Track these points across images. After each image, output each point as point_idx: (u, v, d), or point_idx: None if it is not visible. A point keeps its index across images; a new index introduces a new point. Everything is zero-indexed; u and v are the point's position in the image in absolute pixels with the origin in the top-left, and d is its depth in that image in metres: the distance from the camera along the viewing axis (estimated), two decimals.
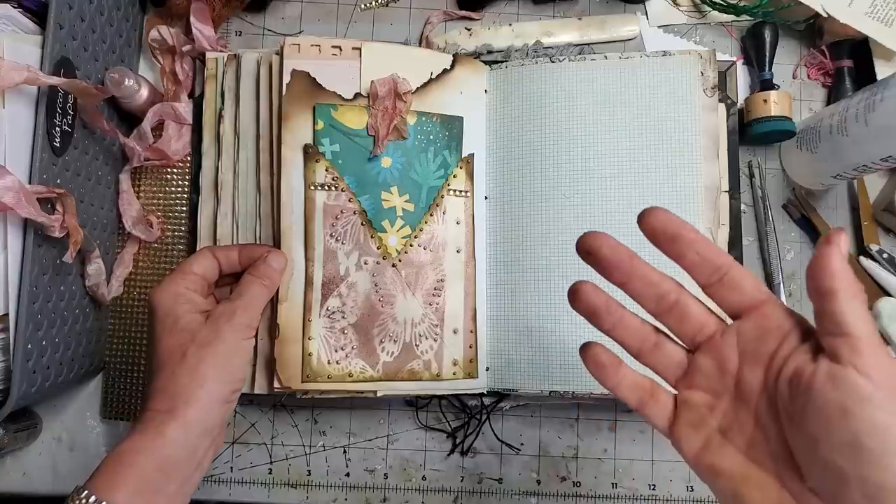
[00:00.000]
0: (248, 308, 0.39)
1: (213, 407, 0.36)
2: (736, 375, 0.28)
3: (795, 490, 0.25)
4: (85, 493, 0.31)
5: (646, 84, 0.46)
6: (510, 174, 0.47)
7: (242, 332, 0.38)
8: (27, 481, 0.49)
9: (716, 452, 0.28)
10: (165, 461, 0.33)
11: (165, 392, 0.35)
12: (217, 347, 0.36)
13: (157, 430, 0.34)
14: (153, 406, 0.35)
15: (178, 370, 0.35)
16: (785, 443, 0.26)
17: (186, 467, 0.35)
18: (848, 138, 0.45)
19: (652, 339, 0.30)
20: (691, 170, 0.46)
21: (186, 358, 0.36)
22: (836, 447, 0.23)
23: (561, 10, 0.54)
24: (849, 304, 0.24)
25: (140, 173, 0.51)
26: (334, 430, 0.50)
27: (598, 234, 0.29)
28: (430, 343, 0.45)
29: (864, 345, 0.23)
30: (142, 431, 0.34)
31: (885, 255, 0.50)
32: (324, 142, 0.44)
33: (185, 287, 0.39)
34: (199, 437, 0.35)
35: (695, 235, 0.27)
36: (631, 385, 0.31)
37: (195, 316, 0.38)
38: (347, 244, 0.45)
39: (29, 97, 0.39)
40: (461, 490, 0.50)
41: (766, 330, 0.27)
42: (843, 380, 0.23)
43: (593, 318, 0.31)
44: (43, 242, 0.40)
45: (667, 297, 0.29)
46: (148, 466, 0.33)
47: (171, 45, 0.49)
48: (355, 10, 0.54)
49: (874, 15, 0.50)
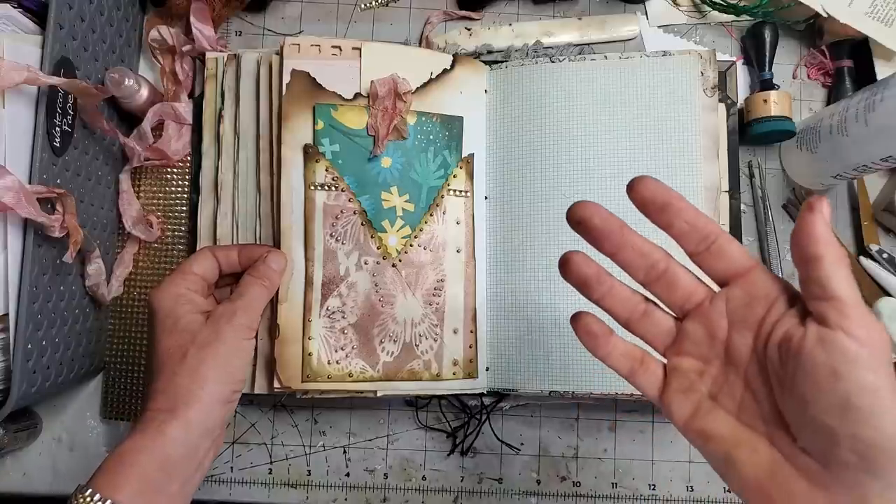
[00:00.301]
0: (248, 309, 0.39)
1: (214, 407, 0.36)
2: (725, 341, 0.28)
3: (786, 450, 0.26)
4: (89, 491, 0.31)
5: (646, 84, 0.46)
6: (510, 174, 0.47)
7: (243, 332, 0.38)
8: (27, 481, 0.49)
9: (706, 417, 0.28)
10: (167, 461, 0.34)
11: (166, 393, 0.35)
12: (217, 348, 0.36)
13: (158, 429, 0.34)
14: (154, 406, 0.35)
15: (179, 371, 0.35)
16: (775, 405, 0.26)
17: (188, 467, 0.35)
18: (848, 138, 0.45)
19: (641, 307, 0.30)
20: (691, 170, 0.46)
21: (187, 359, 0.36)
22: (827, 408, 0.24)
23: (561, 10, 0.54)
24: (834, 268, 0.24)
25: (140, 173, 0.51)
26: (334, 430, 0.50)
27: (589, 204, 0.29)
28: (430, 343, 0.45)
29: (850, 308, 0.24)
30: (143, 431, 0.34)
31: (885, 255, 0.50)
32: (324, 142, 0.44)
33: (185, 288, 0.39)
34: (200, 437, 0.35)
35: (684, 204, 0.28)
36: (621, 354, 0.31)
37: (196, 316, 0.38)
38: (347, 244, 0.45)
39: (29, 97, 0.39)
40: (461, 490, 0.50)
41: (754, 296, 0.27)
42: (832, 343, 0.24)
43: (583, 288, 0.31)
44: (43, 242, 0.40)
45: (656, 266, 0.29)
46: (150, 466, 0.33)
47: (171, 45, 0.49)
48: (355, 10, 0.54)
49: (874, 15, 0.50)
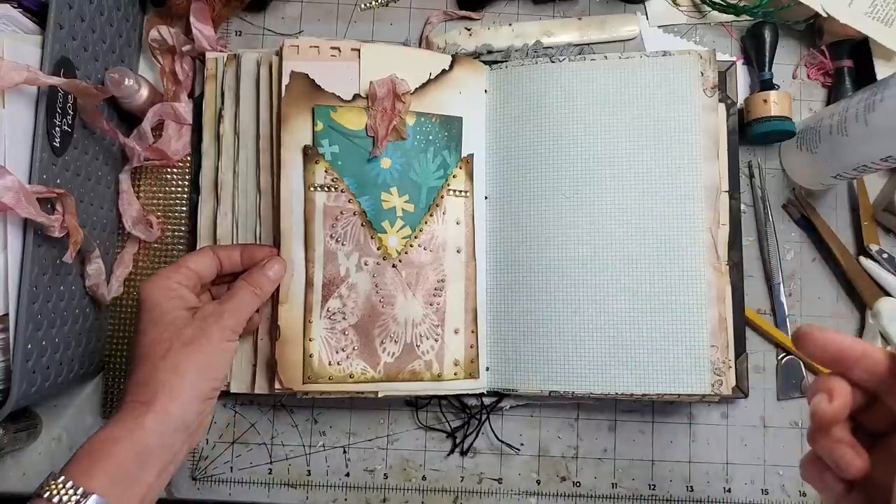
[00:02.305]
0: (236, 312, 0.39)
1: (193, 403, 0.36)
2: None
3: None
4: (62, 478, 0.31)
5: (646, 84, 0.46)
6: (510, 174, 0.47)
7: (228, 334, 0.38)
8: (27, 481, 0.49)
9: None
10: (143, 451, 0.34)
11: (146, 385, 0.35)
12: (202, 347, 0.36)
13: (135, 420, 0.34)
14: (132, 398, 0.35)
15: (161, 364, 0.36)
16: None
17: (162, 459, 0.35)
18: (848, 138, 0.45)
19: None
20: (691, 170, 0.46)
21: (170, 353, 0.36)
22: None
23: (561, 10, 0.54)
24: None
25: (140, 173, 0.51)
26: (334, 430, 0.50)
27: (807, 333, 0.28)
28: (430, 343, 0.45)
29: None
30: (120, 421, 0.34)
31: (885, 255, 0.50)
32: (323, 143, 0.44)
33: (176, 282, 0.39)
34: (176, 430, 0.35)
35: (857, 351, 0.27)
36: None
37: (182, 312, 0.38)
38: (348, 245, 0.45)
39: (29, 97, 0.39)
40: (461, 490, 0.50)
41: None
42: None
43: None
44: (43, 242, 0.40)
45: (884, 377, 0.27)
46: (125, 456, 0.33)
47: (171, 45, 0.49)
48: (355, 10, 0.54)
49: (874, 15, 0.50)
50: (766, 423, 0.50)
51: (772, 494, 0.49)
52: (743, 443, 0.50)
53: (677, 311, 0.45)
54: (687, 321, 0.44)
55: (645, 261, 0.45)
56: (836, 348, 0.27)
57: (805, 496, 0.49)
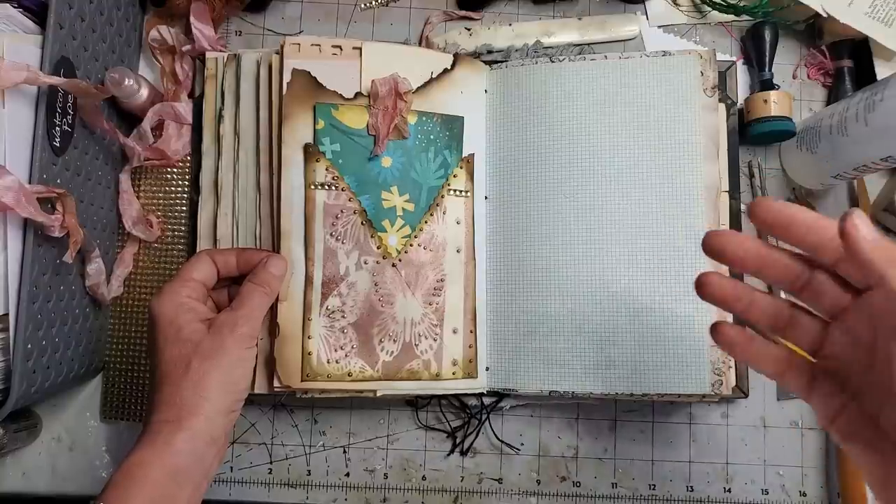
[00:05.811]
0: (250, 318, 0.39)
1: (218, 417, 0.36)
2: (870, 343, 0.28)
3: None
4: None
5: (646, 84, 0.46)
6: (510, 174, 0.47)
7: (245, 341, 0.38)
8: (27, 481, 0.49)
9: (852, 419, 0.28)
10: (176, 471, 0.34)
11: (171, 404, 0.35)
12: (221, 359, 0.36)
13: (165, 441, 0.34)
14: (159, 418, 0.35)
15: (183, 382, 0.36)
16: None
17: (196, 475, 0.35)
18: (848, 138, 0.45)
19: (785, 314, 0.31)
20: (691, 170, 0.46)
21: (190, 370, 0.36)
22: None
23: (561, 10, 0.54)
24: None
25: (140, 173, 0.51)
26: (334, 430, 0.50)
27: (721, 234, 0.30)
28: (429, 343, 0.45)
29: None
30: (150, 443, 0.34)
31: None
32: (324, 141, 0.44)
33: (185, 296, 0.39)
34: (206, 446, 0.35)
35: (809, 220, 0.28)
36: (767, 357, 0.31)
37: (198, 325, 0.38)
38: (347, 244, 0.45)
39: (29, 97, 0.39)
40: (461, 490, 0.50)
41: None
42: None
43: (724, 305, 0.31)
44: (43, 242, 0.40)
45: (800, 277, 0.29)
46: (159, 478, 0.33)
47: (171, 45, 0.49)
48: (355, 10, 0.54)
49: (874, 15, 0.50)
50: (766, 423, 0.50)
51: (772, 494, 0.49)
52: (743, 443, 0.50)
53: (677, 311, 0.45)
54: (687, 321, 0.44)
55: (645, 261, 0.45)
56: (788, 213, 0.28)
57: (805, 496, 0.49)
